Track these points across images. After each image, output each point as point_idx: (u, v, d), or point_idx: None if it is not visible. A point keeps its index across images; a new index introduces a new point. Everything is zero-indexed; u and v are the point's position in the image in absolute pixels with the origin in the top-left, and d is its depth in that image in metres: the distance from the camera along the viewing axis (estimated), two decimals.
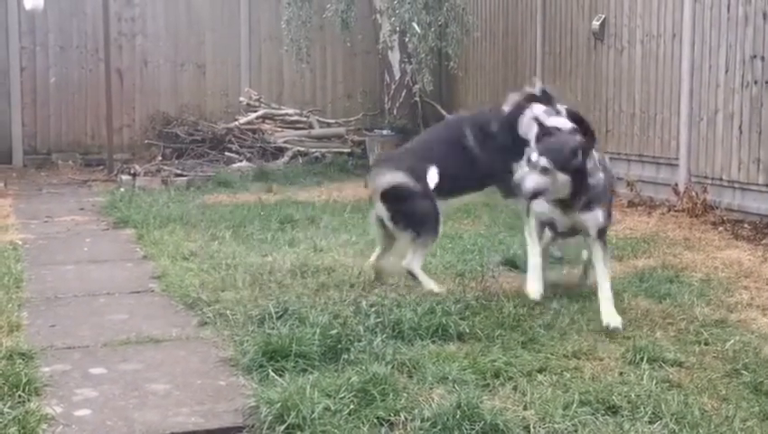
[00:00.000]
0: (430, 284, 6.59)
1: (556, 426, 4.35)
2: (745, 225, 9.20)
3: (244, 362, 5.13)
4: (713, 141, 10.08)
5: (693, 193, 10.01)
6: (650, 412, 4.47)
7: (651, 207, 10.50)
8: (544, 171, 5.60)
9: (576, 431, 4.32)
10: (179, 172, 13.38)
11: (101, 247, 8.77)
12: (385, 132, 14.84)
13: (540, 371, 5.09)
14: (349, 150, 15.02)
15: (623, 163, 11.70)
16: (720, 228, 9.22)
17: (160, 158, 14.30)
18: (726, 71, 9.85)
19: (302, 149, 14.81)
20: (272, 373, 4.87)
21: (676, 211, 10.05)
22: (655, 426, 4.34)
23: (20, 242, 8.72)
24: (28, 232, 9.34)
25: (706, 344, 5.56)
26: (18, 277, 7.17)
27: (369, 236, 8.73)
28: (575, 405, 4.52)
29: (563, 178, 5.64)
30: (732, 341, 5.54)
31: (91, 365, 5.20)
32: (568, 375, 4.99)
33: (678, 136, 10.68)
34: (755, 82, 9.39)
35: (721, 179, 9.94)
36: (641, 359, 5.18)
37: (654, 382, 4.86)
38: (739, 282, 7.07)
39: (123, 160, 14.47)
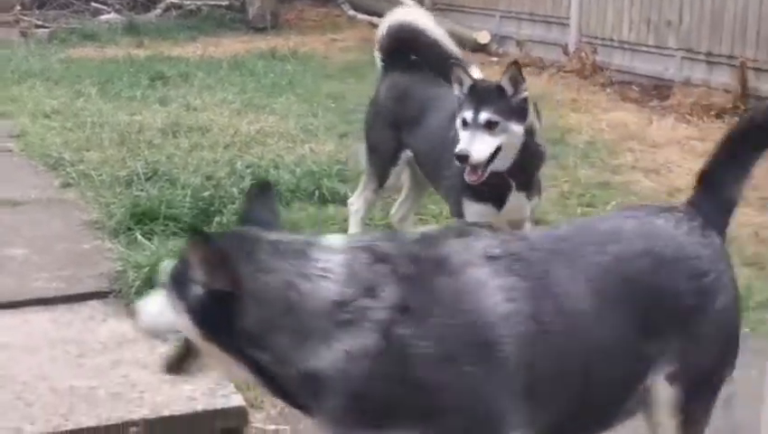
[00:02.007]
0: None
1: None
2: (634, 87, 9.21)
3: (110, 225, 4.87)
4: (604, 0, 9.97)
5: (583, 54, 9.93)
6: None
7: (541, 68, 10.36)
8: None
9: None
10: (40, 23, 12.59)
11: None
12: None
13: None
14: (227, 3, 14.36)
15: (514, 21, 11.51)
16: (608, 89, 9.19)
17: (19, 8, 13.39)
18: None
19: (176, 1, 14.09)
20: (140, 237, 4.62)
21: (565, 72, 9.96)
22: None
23: None
24: None
25: (588, 205, 5.56)
26: None
27: (246, 95, 8.41)
28: None
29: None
30: (614, 202, 5.54)
31: None
32: None
33: None
34: None
35: (612, 40, 9.87)
36: None
37: None
38: (624, 144, 7.06)
39: None
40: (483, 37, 11.56)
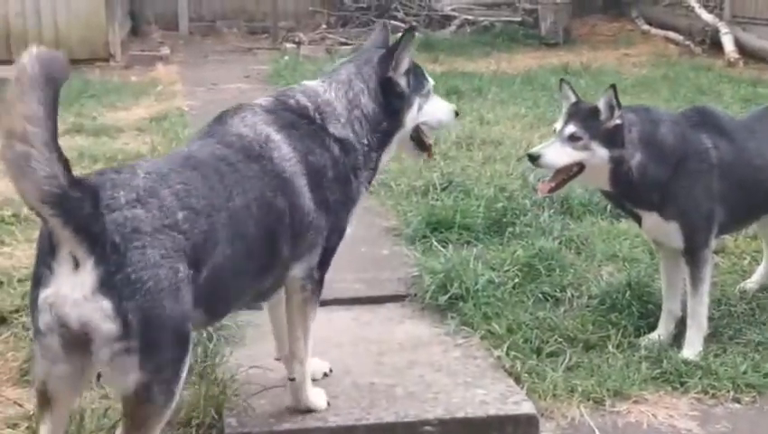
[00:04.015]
0: None
1: (732, 309, 4.17)
2: None
3: (407, 232, 5.09)
4: None
5: None
6: None
7: None
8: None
9: (753, 315, 4.13)
10: (343, 40, 13.26)
11: None
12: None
13: (717, 252, 4.83)
14: (520, 19, 14.50)
15: None
16: None
17: (324, 26, 14.24)
18: None
19: (470, 18, 14.42)
20: (435, 244, 4.81)
21: None
22: None
23: (187, 108, 8.87)
24: (194, 99, 9.48)
25: None
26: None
27: (538, 109, 8.46)
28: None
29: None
30: None
31: None
32: (747, 259, 4.73)
33: None
34: None
35: None
36: None
37: None
38: None
39: (287, 28, 14.47)
40: None
